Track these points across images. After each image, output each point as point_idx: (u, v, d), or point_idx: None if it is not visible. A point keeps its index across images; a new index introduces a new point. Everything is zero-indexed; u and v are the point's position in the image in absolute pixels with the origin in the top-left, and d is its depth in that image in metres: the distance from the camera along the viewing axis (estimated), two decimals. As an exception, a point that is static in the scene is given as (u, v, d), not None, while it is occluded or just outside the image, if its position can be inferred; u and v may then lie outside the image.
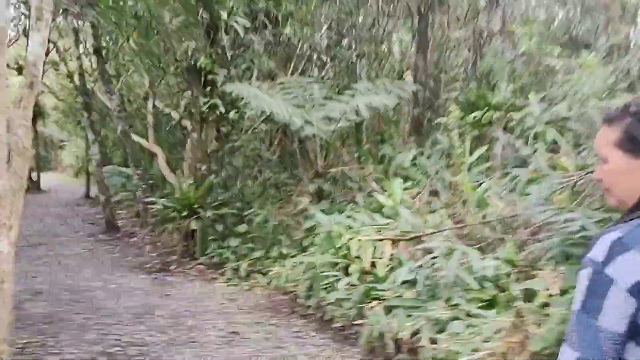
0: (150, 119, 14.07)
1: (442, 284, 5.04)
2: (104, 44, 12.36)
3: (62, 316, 5.83)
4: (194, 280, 7.76)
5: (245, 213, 8.55)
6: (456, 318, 4.49)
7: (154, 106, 13.91)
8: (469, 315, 4.59)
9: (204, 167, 9.30)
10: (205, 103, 8.96)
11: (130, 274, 8.06)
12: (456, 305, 4.75)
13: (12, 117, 3.58)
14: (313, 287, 6.15)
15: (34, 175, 22.78)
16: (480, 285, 4.97)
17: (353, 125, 9.90)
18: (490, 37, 9.49)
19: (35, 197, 19.55)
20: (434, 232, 6.61)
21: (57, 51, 15.29)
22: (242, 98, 8.50)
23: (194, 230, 8.61)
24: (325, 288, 5.92)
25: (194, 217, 8.66)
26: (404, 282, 5.23)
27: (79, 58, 12.24)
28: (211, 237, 8.59)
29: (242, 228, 8.44)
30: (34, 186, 22.22)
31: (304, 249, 7.49)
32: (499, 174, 8.86)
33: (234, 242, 8.32)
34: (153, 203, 9.66)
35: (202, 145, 9.22)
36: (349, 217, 7.02)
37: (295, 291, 6.69)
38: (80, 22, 12.19)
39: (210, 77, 8.74)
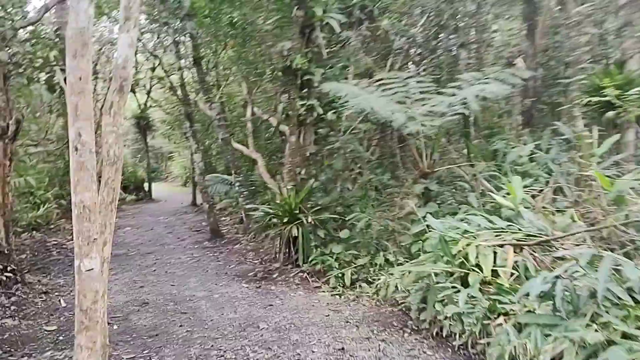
0: (249, 125, 14.17)
1: (584, 297, 4.24)
2: (203, 55, 12.57)
3: (167, 329, 5.72)
4: (297, 290, 7.43)
5: (347, 218, 8.09)
6: (611, 341, 3.70)
7: (253, 113, 13.98)
8: (625, 337, 3.78)
9: (303, 171, 9.01)
10: (302, 105, 8.67)
11: (233, 282, 7.92)
12: (606, 324, 3.94)
13: (102, 124, 3.38)
14: (427, 299, 5.54)
15: (146, 185, 24.10)
16: (634, 299, 4.12)
17: (459, 120, 9.16)
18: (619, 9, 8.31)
19: (148, 206, 20.58)
20: (565, 236, 5.76)
21: (161, 65, 15.90)
22: (340, 97, 8.10)
23: (295, 237, 8.31)
24: (441, 300, 5.29)
25: (295, 222, 8.37)
26: (536, 295, 4.47)
27: (180, 69, 12.55)
28: (313, 244, 8.24)
29: (344, 233, 8.00)
30: (146, 196, 23.50)
31: (412, 256, 6.90)
32: (635, 165, 7.72)
33: (336, 248, 7.90)
34: (254, 210, 9.53)
35: (301, 148, 8.93)
36: (462, 220, 6.34)
37: (405, 302, 6.13)
38: (181, 36, 12.49)
39: (306, 77, 8.43)
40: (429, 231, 6.20)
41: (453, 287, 5.20)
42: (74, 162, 3.00)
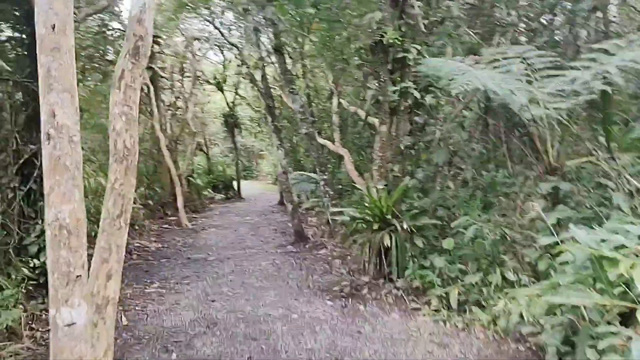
0: (335, 119, 13.05)
1: None
2: (284, 43, 11.60)
3: (232, 362, 4.69)
4: (391, 311, 6.15)
5: (452, 224, 6.67)
6: None
7: (339, 104, 12.84)
8: None
9: (396, 168, 7.70)
10: (394, 92, 7.36)
11: (315, 298, 6.79)
12: None
13: (110, 103, 2.31)
14: (573, 341, 4.05)
15: (235, 184, 23.79)
16: None
17: (592, 101, 7.38)
18: None
19: (235, 205, 20.16)
20: None
21: (244, 59, 15.15)
22: (440, 78, 6.69)
23: (388, 246, 7.02)
24: (594, 346, 3.79)
25: (388, 229, 7.09)
26: None
27: (261, 59, 11.65)
28: (409, 255, 6.91)
29: (448, 243, 6.57)
30: (235, 195, 23.20)
31: (539, 275, 5.38)
32: None
33: (438, 261, 6.50)
34: (339, 213, 8.34)
35: (393, 141, 7.62)
36: (613, 231, 4.72)
37: (537, 340, 4.65)
38: (261, 25, 11.60)
39: (399, 55, 7.10)
40: (569, 244, 4.66)
41: (615, 331, 3.67)
42: (47, 157, 1.95)
